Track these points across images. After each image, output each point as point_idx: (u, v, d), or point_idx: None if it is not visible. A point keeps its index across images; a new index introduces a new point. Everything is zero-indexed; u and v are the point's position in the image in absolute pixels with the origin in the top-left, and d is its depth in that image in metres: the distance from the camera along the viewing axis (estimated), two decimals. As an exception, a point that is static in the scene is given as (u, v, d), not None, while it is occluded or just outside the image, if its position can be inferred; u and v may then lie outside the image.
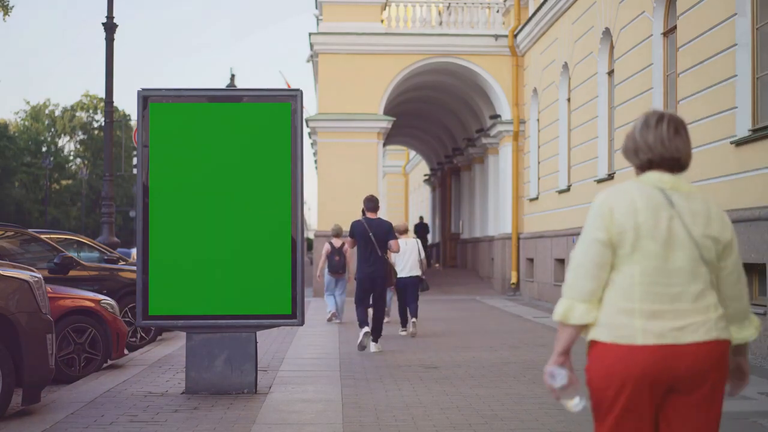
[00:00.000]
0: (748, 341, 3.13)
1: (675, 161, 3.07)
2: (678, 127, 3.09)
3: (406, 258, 13.12)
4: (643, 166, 3.11)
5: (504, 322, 15.07)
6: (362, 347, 10.93)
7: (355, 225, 11.23)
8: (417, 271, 13.18)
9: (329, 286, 15.50)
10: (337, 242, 15.43)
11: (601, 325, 2.98)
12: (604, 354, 2.94)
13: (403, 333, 13.13)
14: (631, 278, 2.97)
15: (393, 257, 12.48)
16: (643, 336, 2.90)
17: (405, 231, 13.66)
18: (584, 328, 3.01)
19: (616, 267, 3.00)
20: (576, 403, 3.04)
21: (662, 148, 3.05)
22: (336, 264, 15.27)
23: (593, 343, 2.99)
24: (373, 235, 11.03)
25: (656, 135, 3.07)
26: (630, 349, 2.90)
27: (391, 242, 11.17)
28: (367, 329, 10.97)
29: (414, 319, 13.02)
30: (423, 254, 13.46)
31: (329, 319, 15.40)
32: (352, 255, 15.73)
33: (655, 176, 3.07)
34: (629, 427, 2.94)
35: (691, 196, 3.04)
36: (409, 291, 13.06)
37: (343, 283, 15.41)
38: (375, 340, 11.09)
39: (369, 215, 11.27)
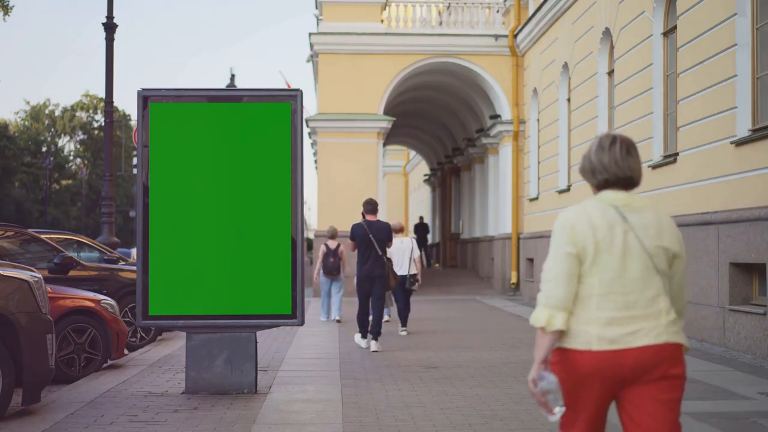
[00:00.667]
0: None
1: (628, 180, 3.38)
2: (629, 148, 3.41)
3: (401, 256, 13.41)
4: (599, 185, 3.41)
5: (504, 322, 15.07)
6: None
7: (356, 228, 11.48)
8: (412, 269, 13.56)
9: (324, 287, 15.62)
10: (332, 244, 15.57)
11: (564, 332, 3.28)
12: (565, 358, 3.26)
13: (403, 333, 13.21)
14: (590, 289, 3.27)
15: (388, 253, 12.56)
16: (598, 342, 3.21)
17: (400, 230, 13.92)
18: (560, 334, 3.26)
19: (579, 279, 3.30)
20: (557, 412, 3.24)
21: (616, 168, 3.37)
22: (330, 265, 15.43)
23: (562, 350, 3.28)
24: (373, 237, 11.29)
25: (610, 156, 3.38)
26: (587, 354, 3.21)
27: (388, 243, 11.58)
28: (365, 344, 11.35)
29: (405, 328, 13.36)
30: (418, 253, 13.83)
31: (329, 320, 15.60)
32: (347, 256, 16.05)
33: (610, 195, 3.37)
34: (593, 418, 3.26)
35: (643, 211, 3.34)
36: (405, 290, 13.36)
37: (338, 283, 15.58)
38: (375, 339, 11.22)
39: (369, 217, 11.53)
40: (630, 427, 3.24)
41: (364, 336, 11.56)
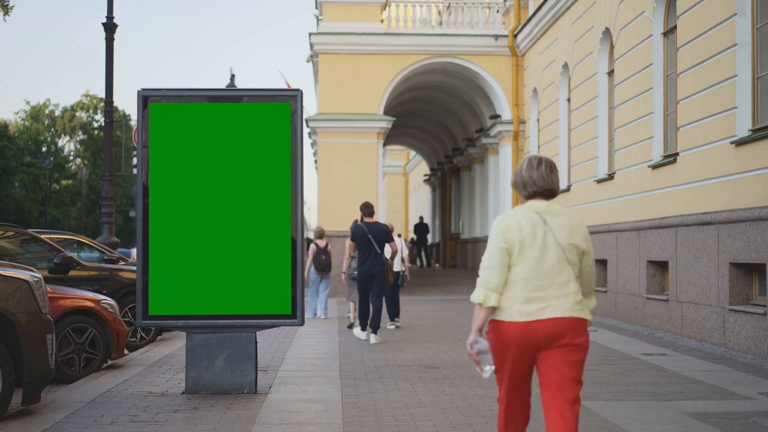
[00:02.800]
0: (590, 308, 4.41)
1: (550, 191, 4.34)
2: (552, 167, 4.36)
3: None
4: (528, 196, 4.36)
5: (504, 322, 15.04)
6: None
7: (355, 229, 12.31)
8: (400, 267, 14.47)
9: (314, 284, 16.41)
10: (321, 243, 16.39)
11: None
12: (497, 327, 4.26)
13: (391, 327, 13.92)
14: (516, 275, 4.22)
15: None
16: (519, 315, 4.19)
17: (391, 231, 14.55)
18: (494, 309, 4.25)
19: (508, 267, 4.25)
20: (488, 370, 4.26)
21: (543, 182, 4.32)
22: (322, 263, 16.24)
23: (493, 322, 4.28)
24: (372, 237, 12.08)
25: (538, 173, 4.31)
26: (511, 324, 4.20)
27: (390, 244, 12.35)
28: (365, 336, 12.13)
29: (397, 319, 14.19)
30: (406, 252, 14.94)
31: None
32: (336, 255, 17.34)
33: (535, 203, 4.32)
34: (515, 373, 4.27)
35: (559, 216, 4.30)
36: (393, 285, 13.97)
37: (327, 280, 16.45)
38: (374, 332, 12.03)
39: (366, 219, 12.36)
40: (542, 381, 4.24)
41: (363, 329, 12.30)
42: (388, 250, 13.50)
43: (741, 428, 6.29)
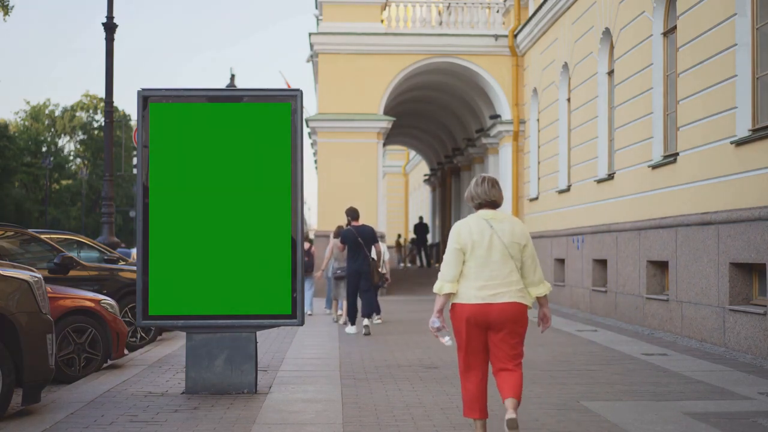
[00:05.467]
0: (543, 295, 5.60)
1: (494, 203, 5.63)
2: (494, 183, 5.65)
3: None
4: (477, 206, 5.64)
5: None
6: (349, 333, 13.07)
7: (346, 232, 13.42)
8: (382, 270, 15.21)
9: None
10: (305, 245, 16.80)
11: (456, 293, 5.50)
12: (457, 308, 5.51)
13: (378, 321, 14.75)
14: (470, 269, 5.48)
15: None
16: (474, 298, 5.44)
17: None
18: (450, 296, 5.51)
19: (463, 263, 5.48)
20: (447, 340, 5.61)
21: (486, 195, 5.61)
22: (305, 264, 16.51)
23: (453, 304, 5.53)
24: (361, 239, 13.20)
25: (482, 189, 5.62)
26: (468, 305, 5.45)
27: (374, 245, 13.44)
28: (354, 330, 13.11)
29: (376, 316, 14.82)
30: (387, 256, 15.95)
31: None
32: (321, 256, 18.36)
33: (483, 212, 5.61)
34: (472, 345, 5.49)
35: (503, 221, 5.54)
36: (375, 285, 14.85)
37: (311, 280, 17.33)
38: (368, 317, 13.18)
39: (354, 223, 13.47)
40: (492, 357, 5.51)
41: (353, 324, 13.31)
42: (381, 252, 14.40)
43: (741, 428, 6.29)
